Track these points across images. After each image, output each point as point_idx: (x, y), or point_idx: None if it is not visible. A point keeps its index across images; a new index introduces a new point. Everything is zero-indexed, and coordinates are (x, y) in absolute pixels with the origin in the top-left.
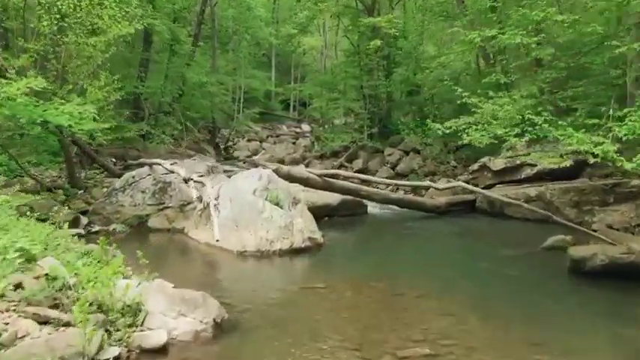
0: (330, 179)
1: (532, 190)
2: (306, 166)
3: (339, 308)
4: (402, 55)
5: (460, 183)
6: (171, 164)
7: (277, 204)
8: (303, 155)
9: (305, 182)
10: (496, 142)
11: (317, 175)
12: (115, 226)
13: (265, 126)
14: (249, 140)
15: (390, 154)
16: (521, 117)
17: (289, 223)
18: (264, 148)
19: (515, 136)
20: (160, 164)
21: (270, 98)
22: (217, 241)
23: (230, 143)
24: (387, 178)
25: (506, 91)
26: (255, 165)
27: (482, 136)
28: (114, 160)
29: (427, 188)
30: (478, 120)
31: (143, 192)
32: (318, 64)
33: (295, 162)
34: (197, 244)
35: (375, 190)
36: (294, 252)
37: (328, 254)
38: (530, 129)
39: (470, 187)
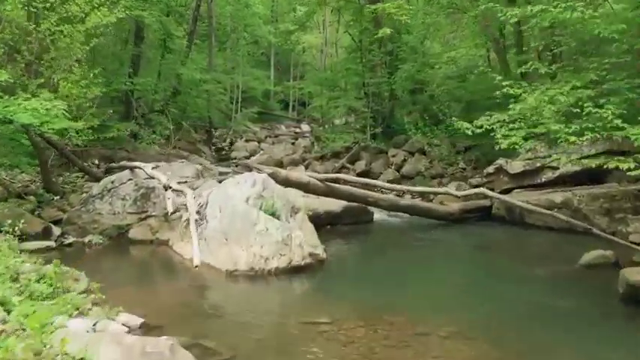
0: (334, 184)
1: (557, 196)
2: (306, 167)
3: (350, 355)
4: (406, 51)
5: (483, 190)
6: (152, 168)
7: (273, 214)
8: (303, 156)
9: (305, 188)
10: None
11: (319, 180)
12: (92, 238)
13: (264, 126)
14: (247, 140)
15: (394, 155)
16: (579, 110)
17: (287, 236)
18: (262, 149)
19: (572, 134)
20: (140, 168)
21: (269, 98)
22: (196, 267)
23: (227, 143)
24: (392, 180)
25: (548, 80)
26: (249, 168)
27: (524, 137)
28: (96, 162)
29: (439, 194)
30: (517, 116)
31: (123, 199)
32: (318, 63)
33: (294, 163)
34: (181, 259)
35: (384, 196)
36: (293, 270)
37: (332, 274)
38: (592, 125)
39: (493, 194)
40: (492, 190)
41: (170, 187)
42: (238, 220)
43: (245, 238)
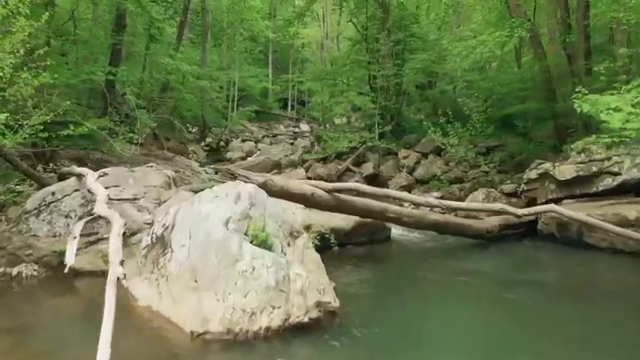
0: (344, 196)
1: (630, 210)
2: (306, 170)
3: None
4: (416, 41)
5: (554, 207)
6: (100, 176)
7: (264, 243)
8: (302, 157)
9: (307, 201)
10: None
11: (325, 191)
12: (23, 269)
13: (262, 125)
14: (243, 140)
15: (405, 157)
16: None
17: (283, 278)
18: (259, 149)
19: None
20: (83, 175)
21: (267, 96)
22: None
23: (222, 143)
24: (406, 186)
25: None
26: (233, 176)
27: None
28: (66, 164)
29: (497, 212)
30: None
31: (67, 216)
32: (318, 59)
33: (293, 165)
34: (134, 305)
35: (407, 210)
36: (292, 331)
37: (352, 336)
38: None
39: (573, 214)
40: (534, 200)
41: (91, 215)
42: (213, 252)
43: (222, 282)
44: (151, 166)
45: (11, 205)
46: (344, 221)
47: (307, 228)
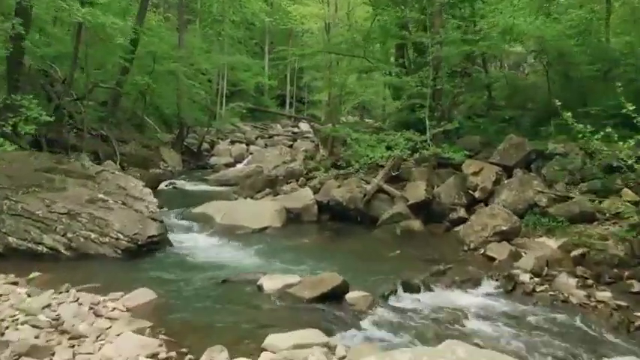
0: None
1: None
2: (316, 191)
3: None
4: None
5: None
6: None
7: None
8: (306, 165)
9: None
10: None
11: None
12: None
13: (256, 125)
14: (232, 142)
15: (475, 173)
16: None
17: None
18: (251, 153)
19: None
20: None
21: (263, 93)
22: None
23: (206, 146)
24: (504, 230)
25: None
26: None
27: None
28: None
29: None
30: None
31: None
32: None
33: (294, 176)
34: None
35: None
36: None
37: None
38: None
39: None
40: None
41: None
42: None
43: None
44: None
45: None
46: None
47: None
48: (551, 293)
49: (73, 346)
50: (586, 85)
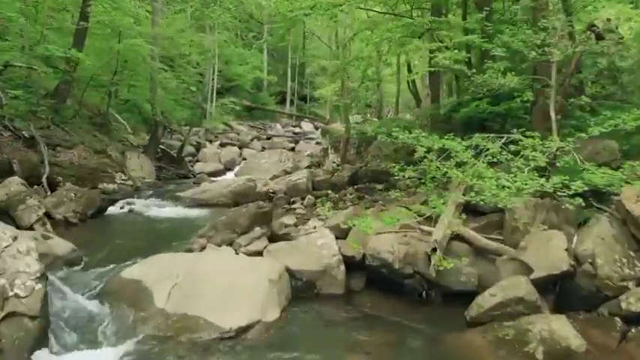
0: None
1: None
2: (341, 231)
3: None
4: None
5: None
6: None
7: None
8: (314, 177)
9: None
10: None
11: None
12: None
13: (254, 124)
14: (222, 144)
15: None
16: None
17: None
18: (244, 158)
19: None
20: None
21: (261, 89)
22: None
23: (191, 149)
24: None
25: None
26: None
27: None
28: None
29: None
30: None
31: None
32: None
33: (299, 192)
34: None
35: None
36: None
37: None
38: None
39: None
40: None
41: None
42: None
43: None
44: None
45: None
46: None
47: None
48: None
49: None
50: None
